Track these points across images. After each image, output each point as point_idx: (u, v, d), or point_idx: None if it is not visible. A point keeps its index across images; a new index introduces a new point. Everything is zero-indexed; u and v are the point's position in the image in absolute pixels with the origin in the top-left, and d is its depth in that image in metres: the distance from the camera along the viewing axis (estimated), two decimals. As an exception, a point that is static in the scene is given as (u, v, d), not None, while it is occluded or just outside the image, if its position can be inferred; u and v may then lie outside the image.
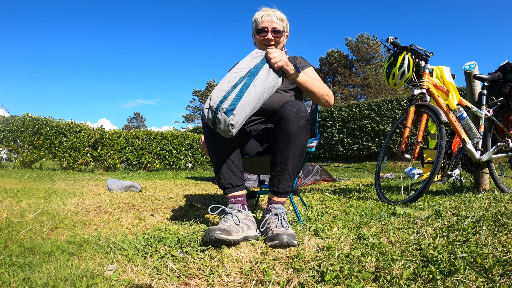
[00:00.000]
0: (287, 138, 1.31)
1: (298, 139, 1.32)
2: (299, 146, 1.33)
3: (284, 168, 1.34)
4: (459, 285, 0.76)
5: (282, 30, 1.59)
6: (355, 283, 0.81)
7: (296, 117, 1.30)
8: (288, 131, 1.30)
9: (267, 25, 1.56)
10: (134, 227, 1.45)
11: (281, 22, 1.59)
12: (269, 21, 1.56)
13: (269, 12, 1.58)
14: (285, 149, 1.32)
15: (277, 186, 1.36)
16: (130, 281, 0.86)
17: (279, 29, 1.57)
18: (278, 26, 1.57)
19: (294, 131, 1.30)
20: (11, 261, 0.91)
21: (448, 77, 2.29)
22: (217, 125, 1.20)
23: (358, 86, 30.69)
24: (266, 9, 1.61)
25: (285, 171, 1.34)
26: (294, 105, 1.31)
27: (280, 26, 1.58)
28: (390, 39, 2.32)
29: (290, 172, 1.35)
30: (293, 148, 1.32)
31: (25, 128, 6.60)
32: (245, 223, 1.24)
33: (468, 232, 1.16)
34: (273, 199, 1.38)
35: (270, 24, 1.56)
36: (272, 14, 1.58)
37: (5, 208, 1.68)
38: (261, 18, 1.58)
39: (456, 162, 2.81)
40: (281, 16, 1.60)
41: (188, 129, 22.05)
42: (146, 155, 7.72)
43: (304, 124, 1.32)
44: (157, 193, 2.83)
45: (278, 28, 1.57)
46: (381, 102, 11.15)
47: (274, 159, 1.37)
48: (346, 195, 2.59)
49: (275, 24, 1.57)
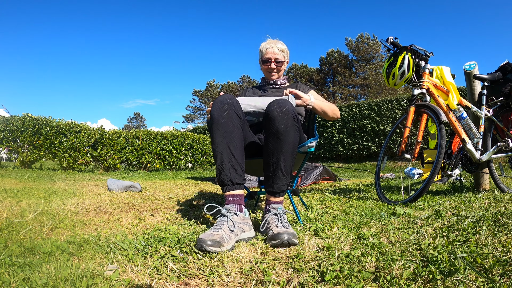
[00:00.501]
0: (276, 138, 1.33)
1: (287, 138, 1.33)
2: (289, 145, 1.34)
3: (276, 167, 1.35)
4: (459, 285, 0.76)
5: (283, 60, 1.91)
6: (355, 283, 0.81)
7: (282, 115, 1.31)
8: (276, 130, 1.32)
9: (270, 56, 1.88)
10: (134, 227, 1.45)
11: (282, 53, 1.90)
12: (272, 52, 1.87)
13: (272, 45, 1.88)
14: (275, 149, 1.34)
15: (272, 186, 1.37)
16: (130, 281, 0.86)
17: (280, 60, 1.90)
18: (280, 57, 1.89)
19: (282, 130, 1.31)
20: (11, 261, 0.91)
21: (448, 77, 2.29)
22: None
23: (358, 86, 30.68)
24: (270, 41, 1.92)
25: (278, 171, 1.35)
26: (279, 103, 1.34)
27: (281, 57, 1.90)
28: (390, 39, 2.32)
29: (283, 171, 1.35)
30: (283, 147, 1.33)
31: (25, 128, 6.60)
32: (240, 227, 1.23)
33: (468, 232, 1.16)
34: (270, 199, 1.39)
35: (273, 56, 1.88)
36: (275, 46, 1.88)
37: (5, 208, 1.68)
38: (265, 50, 1.89)
39: (456, 162, 2.82)
40: (282, 47, 1.90)
41: (188, 129, 22.06)
42: (146, 155, 7.72)
43: (292, 122, 1.33)
44: (157, 193, 2.83)
45: (280, 59, 1.89)
46: (381, 102, 11.16)
47: (266, 160, 1.38)
48: (346, 195, 2.59)
49: (277, 55, 1.88)
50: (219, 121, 1.37)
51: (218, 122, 1.37)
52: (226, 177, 1.35)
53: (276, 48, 1.87)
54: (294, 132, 1.34)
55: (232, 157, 1.36)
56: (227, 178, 1.35)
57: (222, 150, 1.36)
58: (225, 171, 1.35)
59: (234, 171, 1.36)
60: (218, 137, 1.37)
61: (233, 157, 1.36)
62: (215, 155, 1.38)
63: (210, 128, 1.41)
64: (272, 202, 1.38)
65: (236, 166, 1.36)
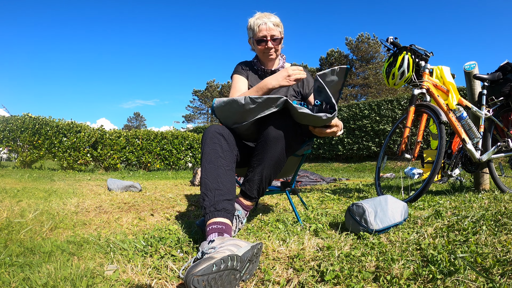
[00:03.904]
0: (268, 163, 1.26)
1: (280, 164, 1.27)
2: (275, 154, 1.24)
3: (255, 172, 1.28)
4: (459, 285, 0.76)
5: (280, 37, 1.58)
6: (355, 283, 0.81)
7: (279, 147, 1.24)
8: (271, 156, 1.25)
9: (265, 34, 1.55)
10: (134, 227, 1.45)
11: (277, 28, 1.57)
12: (266, 29, 1.54)
13: (265, 19, 1.55)
14: (261, 153, 1.26)
15: (245, 186, 1.32)
16: (130, 281, 0.86)
17: (277, 36, 1.57)
18: (276, 33, 1.56)
19: (277, 156, 1.24)
20: (11, 261, 0.91)
21: (448, 77, 2.29)
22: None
23: (358, 86, 30.71)
24: (261, 15, 1.57)
25: (255, 175, 1.28)
26: (277, 130, 1.23)
27: (277, 33, 1.57)
28: (390, 39, 2.32)
29: (260, 179, 1.28)
30: (268, 156, 1.25)
31: (25, 128, 6.60)
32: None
33: (468, 232, 1.16)
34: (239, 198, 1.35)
35: (268, 32, 1.55)
36: (268, 21, 1.54)
37: (5, 208, 1.68)
38: (258, 27, 1.55)
39: (456, 162, 2.81)
40: (276, 21, 1.57)
41: (188, 129, 22.04)
42: (146, 155, 7.72)
43: (288, 148, 1.26)
44: (157, 193, 2.83)
45: (276, 35, 1.56)
46: (381, 102, 11.15)
47: (250, 164, 1.32)
48: (346, 195, 2.59)
49: (273, 31, 1.55)
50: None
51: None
52: (209, 203, 1.21)
53: (270, 23, 1.54)
54: (289, 153, 1.30)
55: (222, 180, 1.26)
56: (210, 203, 1.22)
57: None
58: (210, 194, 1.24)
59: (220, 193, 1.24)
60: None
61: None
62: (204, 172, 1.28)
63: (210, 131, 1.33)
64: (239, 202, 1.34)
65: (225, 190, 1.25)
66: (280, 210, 1.92)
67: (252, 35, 1.60)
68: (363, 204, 1.28)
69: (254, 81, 1.65)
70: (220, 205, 1.14)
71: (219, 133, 1.28)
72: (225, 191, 1.19)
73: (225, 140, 1.28)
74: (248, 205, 1.33)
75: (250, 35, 1.63)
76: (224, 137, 1.28)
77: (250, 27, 1.59)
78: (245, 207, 1.33)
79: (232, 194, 1.21)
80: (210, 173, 1.21)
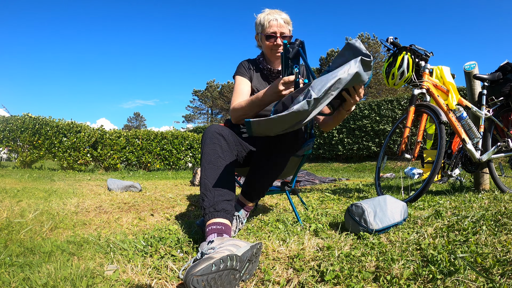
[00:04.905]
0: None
1: (277, 170, 1.32)
2: (277, 156, 1.29)
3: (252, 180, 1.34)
4: (459, 285, 0.76)
5: (290, 36, 1.56)
6: (355, 283, 0.81)
7: (283, 157, 1.29)
8: (272, 163, 1.29)
9: (275, 30, 1.52)
10: (134, 227, 1.45)
11: (288, 26, 1.56)
12: (277, 25, 1.52)
13: (276, 16, 1.53)
14: (262, 155, 1.30)
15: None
16: (130, 281, 0.86)
17: (287, 34, 1.55)
18: (286, 30, 1.54)
19: (277, 163, 1.30)
20: (11, 261, 0.91)
21: (448, 77, 2.29)
22: None
23: (358, 86, 30.62)
24: (272, 12, 1.55)
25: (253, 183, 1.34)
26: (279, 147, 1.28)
27: (287, 31, 1.55)
28: (390, 39, 2.32)
29: (261, 181, 1.34)
30: (269, 158, 1.29)
31: (25, 128, 6.60)
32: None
33: (468, 232, 1.16)
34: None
35: (278, 29, 1.52)
36: (279, 18, 1.52)
37: (5, 208, 1.68)
38: (268, 22, 1.52)
39: (456, 162, 2.82)
40: (287, 18, 1.56)
41: (188, 129, 22.05)
42: (146, 155, 7.72)
43: (289, 156, 1.31)
44: (157, 193, 2.83)
45: (286, 33, 1.54)
46: (381, 102, 11.15)
47: (251, 165, 1.35)
48: (346, 195, 2.59)
49: (283, 29, 1.53)
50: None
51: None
52: (208, 203, 1.23)
53: (281, 20, 1.52)
54: (290, 154, 1.33)
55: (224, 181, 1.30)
56: (210, 203, 1.24)
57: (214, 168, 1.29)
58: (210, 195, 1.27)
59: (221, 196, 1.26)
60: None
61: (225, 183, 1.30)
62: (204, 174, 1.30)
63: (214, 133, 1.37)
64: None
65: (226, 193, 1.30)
66: (280, 210, 1.92)
67: (261, 30, 1.56)
68: (362, 204, 1.28)
69: (257, 82, 1.63)
70: (219, 206, 1.15)
71: (219, 133, 1.28)
72: (225, 191, 1.19)
73: (225, 141, 1.28)
74: (248, 205, 1.35)
75: (258, 30, 1.59)
76: (224, 137, 1.28)
77: (260, 22, 1.56)
78: (245, 207, 1.34)
79: (232, 194, 1.21)
80: (209, 174, 1.21)
